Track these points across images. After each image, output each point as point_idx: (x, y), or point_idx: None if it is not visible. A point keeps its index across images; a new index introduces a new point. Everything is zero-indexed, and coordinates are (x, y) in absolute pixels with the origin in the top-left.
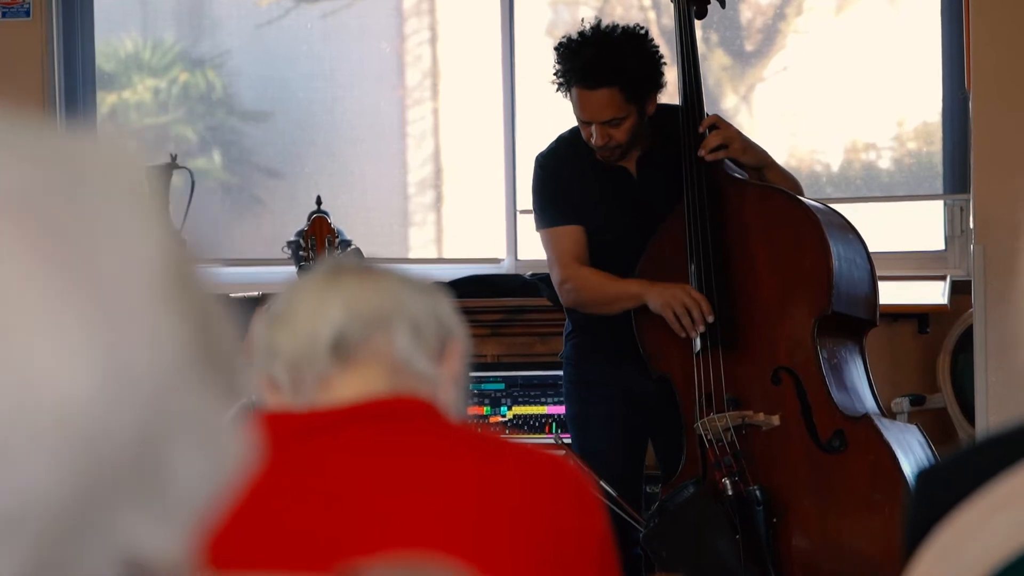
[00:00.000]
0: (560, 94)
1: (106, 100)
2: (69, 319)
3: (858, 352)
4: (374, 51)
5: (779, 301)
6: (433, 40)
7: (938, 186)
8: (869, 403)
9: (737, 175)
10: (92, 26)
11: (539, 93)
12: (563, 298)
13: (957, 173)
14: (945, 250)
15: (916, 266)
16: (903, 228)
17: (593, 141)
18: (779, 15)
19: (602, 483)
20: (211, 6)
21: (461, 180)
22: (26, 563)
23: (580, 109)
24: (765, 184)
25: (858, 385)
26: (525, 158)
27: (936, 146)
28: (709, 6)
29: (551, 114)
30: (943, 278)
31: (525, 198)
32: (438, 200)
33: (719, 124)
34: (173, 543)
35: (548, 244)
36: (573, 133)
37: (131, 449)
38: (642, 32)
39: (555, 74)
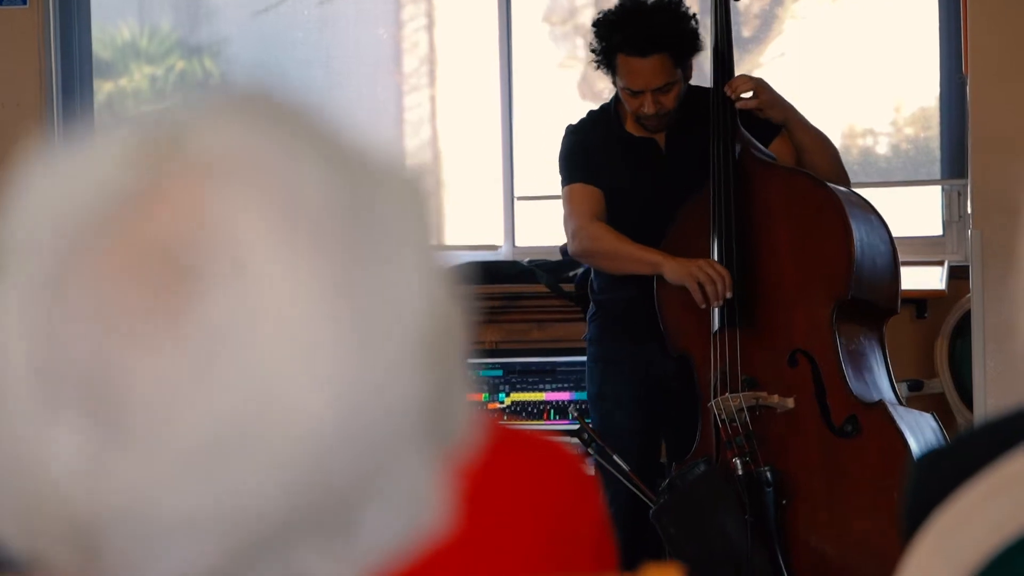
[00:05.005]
0: (601, 71)
1: (103, 88)
2: (329, 347)
3: (876, 339)
4: (371, 38)
5: (799, 284)
6: (430, 26)
7: (936, 171)
8: (885, 390)
9: (764, 157)
10: (89, 14)
11: (537, 79)
12: (573, 247)
13: (955, 158)
14: (943, 235)
15: (914, 251)
16: (901, 213)
17: (644, 110)
18: (776, 1)
19: (615, 458)
20: None
21: (458, 167)
22: (211, 564)
23: (630, 79)
24: (792, 167)
25: (875, 371)
26: (523, 144)
27: (933, 131)
28: None
29: (549, 100)
30: (941, 263)
31: (523, 185)
32: (435, 186)
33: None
34: None
35: (567, 200)
36: (604, 107)
37: (338, 489)
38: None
39: (595, 50)
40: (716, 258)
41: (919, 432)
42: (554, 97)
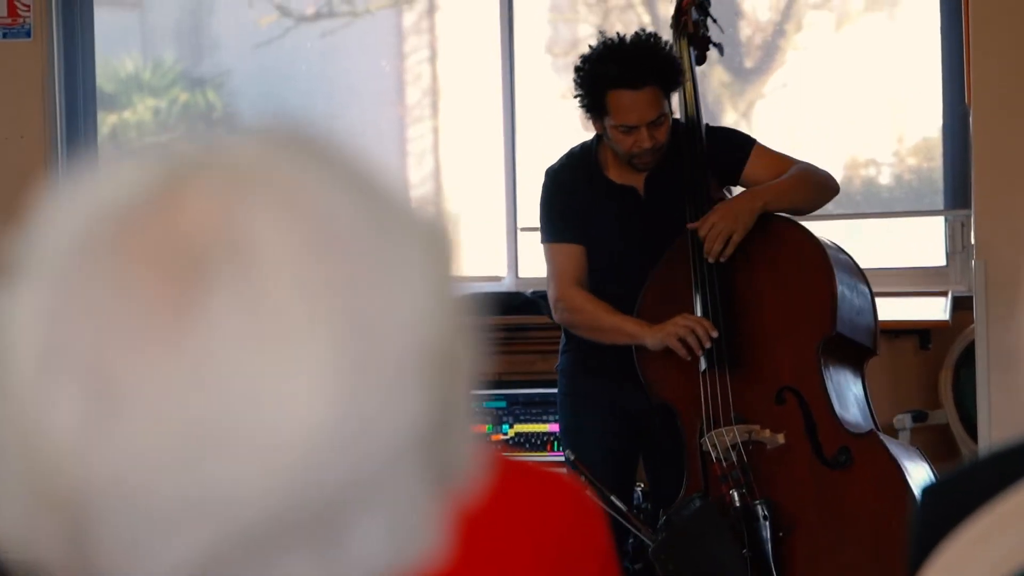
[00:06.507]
0: (588, 117)
1: (107, 120)
2: (328, 356)
3: (860, 378)
4: (374, 69)
5: (784, 323)
6: (433, 58)
7: (939, 202)
8: (871, 426)
9: None
10: (93, 47)
11: (539, 110)
12: (556, 316)
13: (958, 188)
14: (946, 266)
15: (917, 282)
16: (904, 244)
17: (640, 147)
18: (778, 32)
19: (612, 498)
20: (211, 26)
21: (461, 198)
22: (198, 558)
23: (625, 114)
24: (766, 213)
25: (861, 406)
26: (525, 176)
27: (936, 161)
28: (708, 53)
29: (551, 131)
30: (944, 294)
31: (526, 216)
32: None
33: (712, 219)
34: None
35: (549, 260)
36: (584, 148)
37: (330, 499)
38: (654, 34)
39: (582, 94)
40: (699, 304)
41: (909, 460)
42: (557, 128)
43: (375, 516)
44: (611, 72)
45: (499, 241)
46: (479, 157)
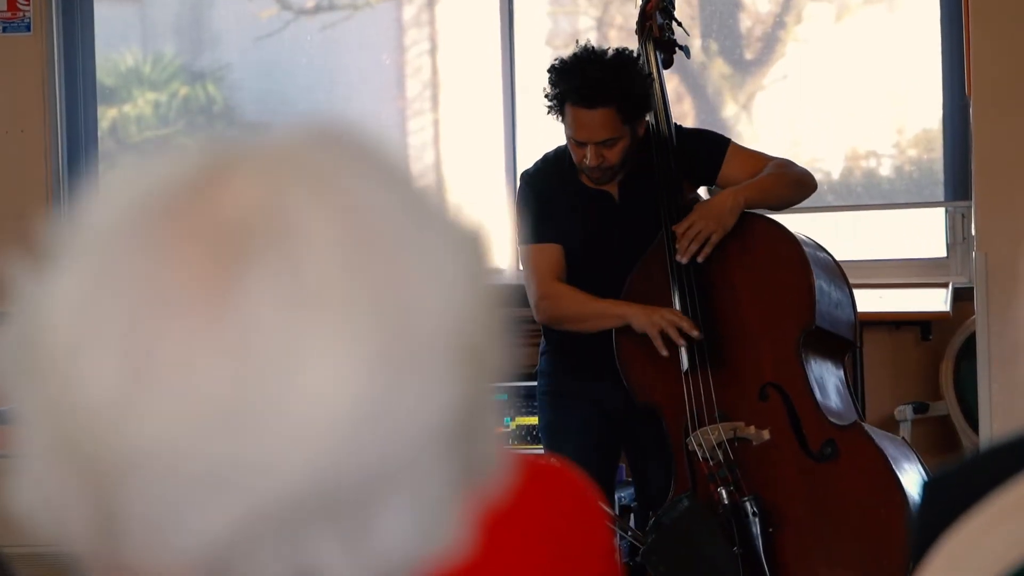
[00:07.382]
0: (552, 116)
1: (107, 114)
2: (363, 339)
3: (841, 370)
4: (374, 62)
5: (763, 319)
6: (433, 51)
7: (939, 193)
8: (855, 417)
9: None
10: (92, 41)
11: (539, 103)
12: (540, 314)
13: (958, 180)
14: (947, 257)
15: (918, 273)
16: (904, 235)
17: (586, 162)
18: (779, 23)
19: (600, 504)
20: (211, 19)
21: (462, 191)
22: (224, 533)
23: (575, 129)
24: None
25: (844, 398)
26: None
27: (937, 153)
28: (675, 56)
29: (551, 124)
30: (945, 285)
31: None
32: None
33: (692, 219)
34: None
35: (527, 260)
36: (558, 153)
37: (358, 482)
38: (634, 55)
39: (548, 96)
40: (678, 305)
41: (895, 449)
42: (557, 121)
43: (402, 505)
44: (569, 85)
45: (499, 234)
46: (479, 150)
